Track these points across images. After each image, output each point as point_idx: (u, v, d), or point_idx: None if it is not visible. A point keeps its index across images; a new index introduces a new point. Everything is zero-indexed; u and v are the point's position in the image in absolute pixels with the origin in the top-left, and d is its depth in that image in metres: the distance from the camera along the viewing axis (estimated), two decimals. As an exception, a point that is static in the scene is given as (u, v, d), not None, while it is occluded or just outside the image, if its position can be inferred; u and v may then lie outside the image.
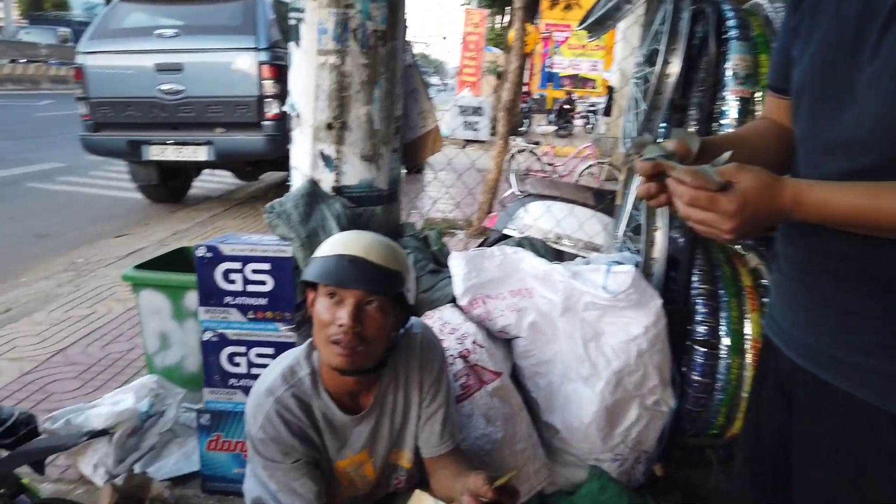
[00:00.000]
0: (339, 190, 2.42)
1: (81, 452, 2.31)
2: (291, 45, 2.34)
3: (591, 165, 7.95)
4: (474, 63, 16.42)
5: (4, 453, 1.44)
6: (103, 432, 1.34)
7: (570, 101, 15.94)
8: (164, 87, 6.10)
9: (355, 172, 2.43)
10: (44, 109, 16.09)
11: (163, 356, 2.72)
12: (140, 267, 2.73)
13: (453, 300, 2.17)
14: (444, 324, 2.05)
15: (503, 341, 2.16)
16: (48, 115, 14.96)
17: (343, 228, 2.22)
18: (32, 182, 7.91)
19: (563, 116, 15.59)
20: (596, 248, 3.08)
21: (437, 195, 7.38)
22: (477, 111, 13.36)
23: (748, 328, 1.98)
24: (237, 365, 2.24)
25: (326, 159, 2.41)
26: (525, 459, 1.87)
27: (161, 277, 2.63)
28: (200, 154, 6.21)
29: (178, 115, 6.18)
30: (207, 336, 2.22)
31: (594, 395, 1.96)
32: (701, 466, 2.11)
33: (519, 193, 4.10)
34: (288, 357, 1.55)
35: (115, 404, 2.37)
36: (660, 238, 2.15)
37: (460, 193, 6.86)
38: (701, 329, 2.01)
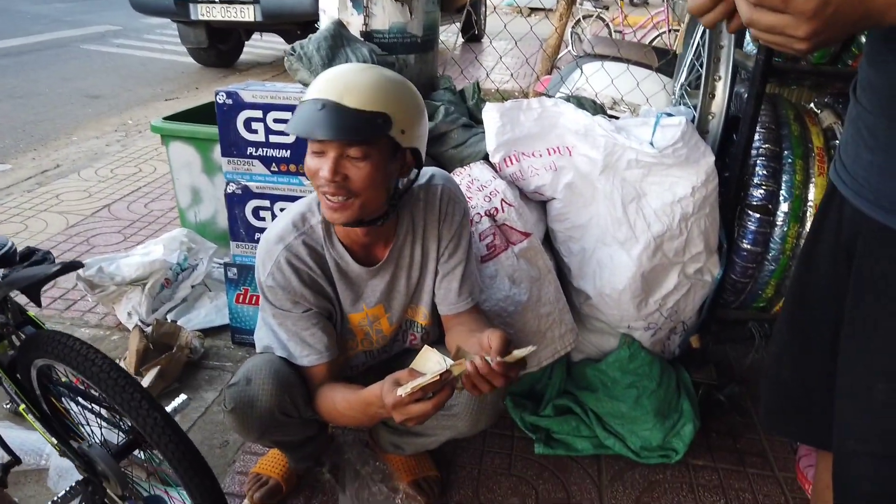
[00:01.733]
0: (368, 35, 2.23)
1: (116, 301, 2.36)
2: None
3: (661, 33, 7.32)
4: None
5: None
6: (78, 264, 1.29)
7: (648, -35, 14.59)
8: (209, -62, 5.81)
9: (386, 15, 2.22)
10: (101, -27, 15.88)
11: (195, 211, 2.70)
12: (170, 118, 2.66)
13: (487, 157, 2.01)
14: (472, 180, 1.91)
15: (537, 203, 2.02)
16: (105, -22, 14.76)
17: (369, 76, 2.06)
18: (87, 44, 7.89)
19: (639, -19, 14.33)
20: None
21: (493, 64, 7.00)
22: (545, -24, 12.41)
23: (812, 194, 1.76)
24: (262, 219, 2.18)
25: (355, 0, 2.20)
26: (550, 323, 1.77)
27: (188, 129, 2.55)
28: (247, 14, 5.99)
29: (224, -30, 5.93)
30: (231, 188, 2.16)
31: (630, 261, 1.81)
32: (741, 341, 1.98)
33: (574, 54, 3.77)
34: (300, 204, 1.45)
35: (145, 255, 2.38)
36: (720, 90, 1.90)
37: (518, 63, 6.47)
38: (757, 193, 1.80)
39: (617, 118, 2.55)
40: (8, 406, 1.93)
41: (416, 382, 1.09)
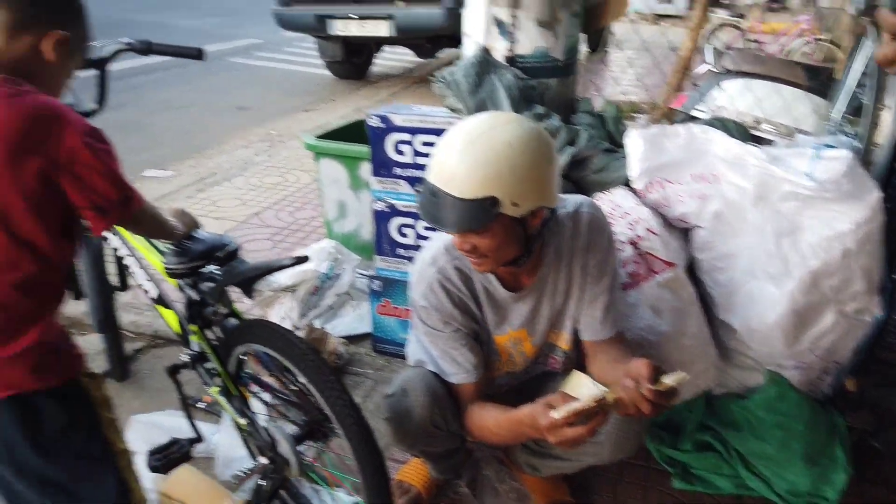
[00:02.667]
0: (512, 60, 2.29)
1: (270, 305, 2.56)
2: None
3: (806, 43, 6.89)
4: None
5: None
6: (305, 258, 1.44)
7: (788, -33, 13.75)
8: (350, -41, 6.10)
9: (530, 40, 2.27)
10: (246, -12, 17.05)
11: (341, 223, 2.87)
12: (321, 137, 2.84)
13: (628, 182, 2.01)
14: (615, 207, 1.92)
15: (680, 230, 1.99)
16: (250, -7, 15.82)
17: (514, 101, 2.11)
18: (234, 57, 8.52)
19: (778, -15, 13.54)
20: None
21: (622, 76, 6.88)
22: (674, -19, 12.02)
23: None
24: (405, 236, 2.29)
25: (500, 25, 2.27)
26: (692, 357, 1.75)
27: (339, 147, 2.72)
28: (382, 29, 6.25)
29: (362, -11, 6.22)
30: (378, 206, 2.29)
31: (782, 296, 1.75)
32: (904, 386, 1.86)
33: (715, 70, 3.65)
34: None
35: (297, 264, 2.56)
36: (888, 120, 1.79)
37: (648, 74, 6.33)
38: (928, 231, 1.69)
39: (764, 140, 2.46)
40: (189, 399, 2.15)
41: (572, 407, 1.11)
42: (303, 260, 1.40)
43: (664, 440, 1.88)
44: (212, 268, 1.50)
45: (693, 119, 2.84)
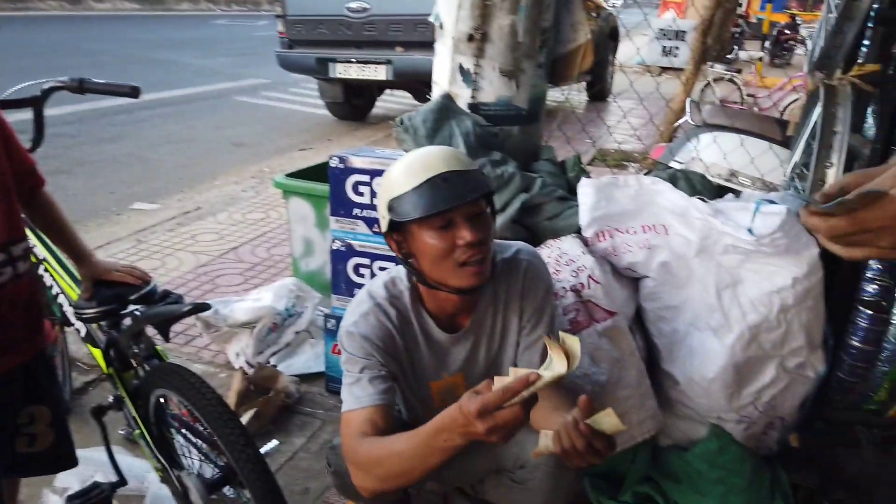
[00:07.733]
0: (475, 107, 2.33)
1: (227, 341, 2.56)
2: (437, -50, 2.23)
3: (797, 99, 6.96)
4: (681, -19, 14.87)
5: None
6: (206, 306, 1.44)
7: (793, 26, 13.97)
8: (352, 4, 6.26)
9: (493, 88, 2.32)
10: (261, 30, 17.48)
11: (306, 261, 2.89)
12: (291, 175, 2.88)
13: (579, 230, 2.02)
14: (561, 254, 1.92)
15: (629, 280, 1.98)
16: (263, 34, 16.20)
17: (470, 148, 2.14)
18: (240, 96, 8.69)
19: (780, 43, 13.73)
20: (774, 189, 2.69)
21: (616, 124, 6.95)
22: (679, 35, 12.18)
23: (933, 293, 1.62)
24: (362, 276, 2.30)
25: (465, 73, 2.31)
26: (628, 408, 1.72)
27: (305, 186, 2.75)
28: (380, 73, 6.37)
29: (362, 34, 6.36)
30: (336, 245, 2.30)
31: (722, 349, 1.73)
32: (849, 445, 1.82)
33: (692, 123, 3.69)
34: (392, 270, 1.52)
35: (256, 300, 2.57)
36: (832, 177, 1.80)
37: (643, 124, 6.40)
38: (870, 288, 1.68)
39: (737, 192, 2.46)
40: (122, 432, 2.14)
41: (506, 380, 1.00)
42: (202, 308, 1.40)
43: (604, 490, 1.84)
44: (134, 309, 1.50)
45: (668, 170, 2.87)
